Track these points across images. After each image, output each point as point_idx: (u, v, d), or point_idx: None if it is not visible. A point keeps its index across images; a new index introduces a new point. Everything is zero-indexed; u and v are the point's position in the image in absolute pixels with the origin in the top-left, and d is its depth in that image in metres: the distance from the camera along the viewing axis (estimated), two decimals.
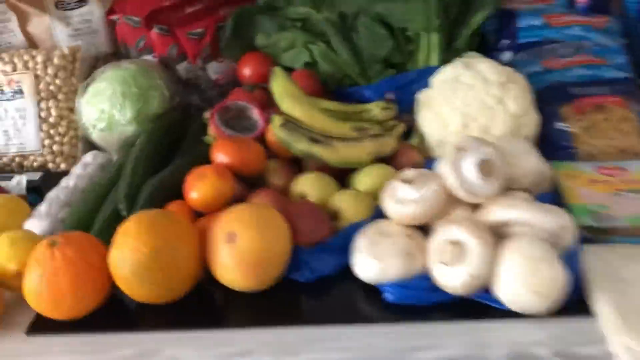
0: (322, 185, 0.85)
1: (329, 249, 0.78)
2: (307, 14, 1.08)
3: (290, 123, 0.88)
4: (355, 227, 0.78)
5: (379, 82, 1.03)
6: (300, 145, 0.86)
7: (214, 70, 1.08)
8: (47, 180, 1.02)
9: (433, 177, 0.75)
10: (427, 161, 0.89)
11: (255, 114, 0.96)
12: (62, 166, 1.05)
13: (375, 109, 0.93)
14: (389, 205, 0.76)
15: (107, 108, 1.00)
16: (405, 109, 0.99)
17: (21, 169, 1.06)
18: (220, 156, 0.86)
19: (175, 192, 0.86)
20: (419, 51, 1.03)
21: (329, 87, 1.06)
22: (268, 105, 1.02)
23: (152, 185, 0.85)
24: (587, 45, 1.01)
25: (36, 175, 1.01)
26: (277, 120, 0.87)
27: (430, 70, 1.00)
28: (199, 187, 0.81)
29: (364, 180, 0.86)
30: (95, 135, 1.03)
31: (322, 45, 1.06)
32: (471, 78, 0.89)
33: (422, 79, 1.00)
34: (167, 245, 0.71)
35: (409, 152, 0.90)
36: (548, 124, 0.91)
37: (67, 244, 0.72)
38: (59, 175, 1.05)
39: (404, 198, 0.74)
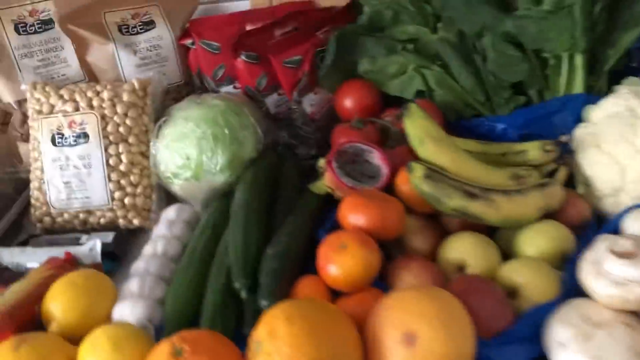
0: (485, 251, 0.69)
1: (515, 339, 0.62)
2: (418, 33, 0.92)
3: (436, 173, 0.71)
4: (545, 310, 0.62)
5: (514, 113, 0.87)
6: (453, 202, 0.70)
7: (309, 102, 0.92)
8: (120, 241, 0.85)
9: None
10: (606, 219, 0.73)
11: (377, 158, 0.79)
12: (135, 222, 0.88)
13: (534, 151, 0.77)
14: (597, 285, 0.60)
15: (194, 154, 0.83)
16: None
17: (86, 227, 0.88)
18: (355, 218, 0.70)
19: (297, 262, 0.71)
20: (559, 76, 0.87)
21: (447, 119, 0.90)
22: (383, 144, 0.86)
23: (275, 257, 0.69)
24: None
25: (108, 236, 0.84)
26: (418, 169, 0.71)
27: (575, 99, 0.85)
28: (340, 262, 0.65)
29: (534, 242, 0.70)
30: (177, 186, 0.86)
31: (437, 70, 0.90)
32: None
33: (565, 108, 0.85)
34: (333, 354, 0.54)
35: (577, 203, 0.74)
36: None
37: (196, 353, 0.55)
38: (133, 234, 0.88)
39: (620, 277, 0.58)
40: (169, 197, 0.90)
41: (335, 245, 0.66)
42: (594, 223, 0.74)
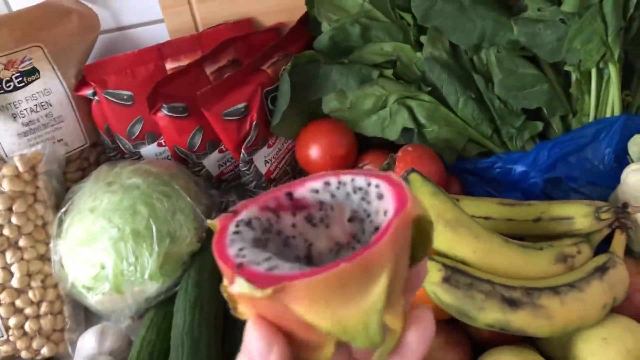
0: None
1: None
2: (396, 53, 0.69)
3: (458, 273, 0.50)
4: None
5: (535, 149, 0.66)
6: (488, 315, 0.49)
7: (262, 159, 0.68)
8: None
9: None
10: None
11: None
12: (45, 352, 0.64)
13: (583, 219, 0.55)
14: None
15: (110, 261, 0.59)
16: (588, 192, 0.64)
17: None
18: None
19: None
20: (587, 94, 0.66)
21: (445, 163, 0.69)
22: None
23: None
24: None
25: None
26: (433, 271, 0.50)
27: (612, 123, 0.64)
28: None
29: (605, 355, 0.49)
30: (93, 300, 0.62)
31: (427, 99, 0.68)
32: None
33: (600, 138, 0.65)
34: None
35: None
36: None
37: None
38: None
39: None
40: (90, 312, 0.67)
41: None
42: None
